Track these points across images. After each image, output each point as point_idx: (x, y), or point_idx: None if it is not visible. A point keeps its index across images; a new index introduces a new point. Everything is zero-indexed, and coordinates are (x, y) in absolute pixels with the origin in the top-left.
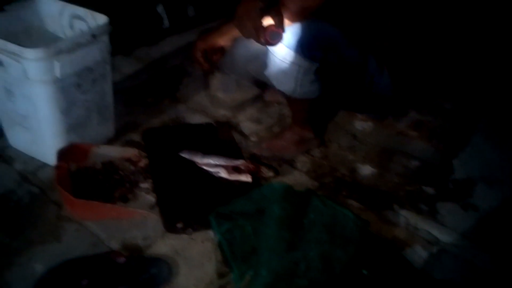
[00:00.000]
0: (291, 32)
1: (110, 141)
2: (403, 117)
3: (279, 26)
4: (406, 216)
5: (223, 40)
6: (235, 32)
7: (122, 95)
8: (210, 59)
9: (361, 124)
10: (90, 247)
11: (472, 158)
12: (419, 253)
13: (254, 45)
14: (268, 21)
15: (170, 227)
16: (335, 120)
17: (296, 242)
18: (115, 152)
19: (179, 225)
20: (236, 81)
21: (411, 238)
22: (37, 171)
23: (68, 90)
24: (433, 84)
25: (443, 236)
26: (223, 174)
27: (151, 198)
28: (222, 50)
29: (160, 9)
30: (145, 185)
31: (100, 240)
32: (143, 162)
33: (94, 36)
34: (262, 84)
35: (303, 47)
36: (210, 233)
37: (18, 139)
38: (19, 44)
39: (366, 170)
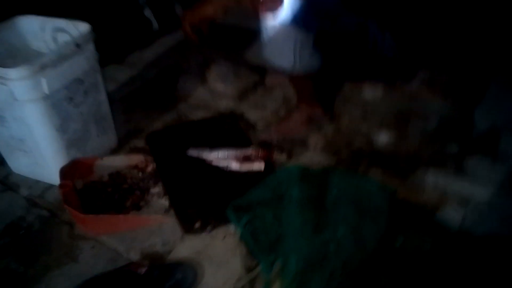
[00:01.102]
0: (284, 3)
1: (113, 151)
2: (413, 78)
3: None
4: (433, 178)
5: (213, 10)
6: (226, 1)
7: (120, 104)
8: (200, 31)
9: (371, 92)
10: (110, 262)
11: (492, 108)
12: (453, 214)
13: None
14: None
15: (188, 228)
16: (343, 92)
17: (322, 223)
18: (120, 161)
19: (197, 225)
20: (233, 70)
21: (442, 200)
22: (44, 194)
23: (60, 106)
24: (440, 41)
25: (476, 191)
26: (234, 166)
27: (164, 202)
28: (212, 21)
29: (147, 12)
30: (156, 189)
31: (119, 254)
32: (150, 167)
33: (78, 45)
34: (261, 70)
35: (298, 18)
36: (231, 228)
37: (19, 164)
38: (3, 66)
39: (383, 137)
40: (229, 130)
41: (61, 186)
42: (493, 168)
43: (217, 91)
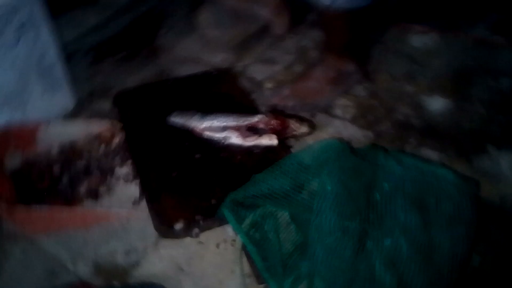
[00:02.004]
0: None
1: (70, 115)
2: (479, 20)
3: None
4: (510, 161)
5: None
6: None
7: (85, 54)
8: None
9: (420, 39)
10: (46, 277)
11: None
12: None
13: None
14: None
15: (165, 230)
16: (382, 40)
17: (368, 230)
18: (76, 128)
19: (178, 226)
20: (232, 12)
21: None
22: None
23: None
24: None
25: None
26: (235, 138)
27: (133, 190)
28: None
29: None
30: (123, 170)
31: (61, 264)
32: (117, 139)
33: None
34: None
35: None
36: (229, 231)
37: None
38: None
39: (436, 103)
40: (228, 90)
41: None
42: None
43: (210, 39)
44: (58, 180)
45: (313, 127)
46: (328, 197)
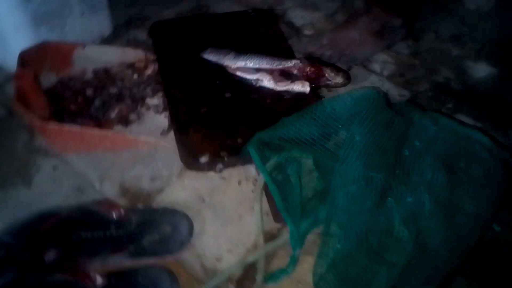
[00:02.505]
0: None
1: (105, 41)
2: None
3: None
4: None
5: None
6: None
7: None
8: None
9: (475, 0)
10: (73, 193)
11: None
12: None
13: None
14: None
15: (190, 161)
16: None
17: (392, 184)
18: (111, 54)
19: (204, 159)
20: None
21: None
22: (4, 85)
23: None
24: None
25: None
26: (267, 81)
27: (162, 120)
28: None
29: None
30: (154, 101)
31: (88, 182)
32: (151, 69)
33: None
34: None
35: None
36: (251, 170)
37: None
38: None
39: (481, 70)
40: (265, 32)
41: (16, 76)
42: None
43: None
44: (91, 103)
45: (348, 79)
46: (356, 147)
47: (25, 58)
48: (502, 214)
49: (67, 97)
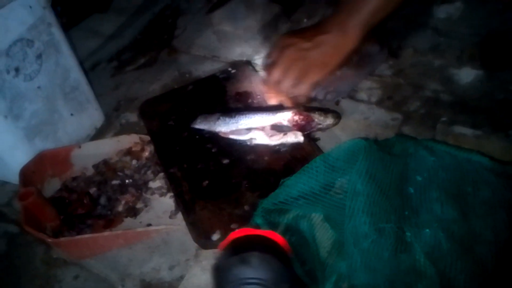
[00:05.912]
0: None
1: (100, 132)
2: None
3: None
4: None
5: None
6: None
7: (106, 65)
8: None
9: (445, 9)
10: None
11: None
12: None
13: None
14: None
15: (203, 241)
16: (404, 14)
17: (404, 228)
18: (107, 146)
19: (215, 236)
20: (244, 3)
21: None
22: (12, 201)
23: (1, 82)
24: None
25: None
26: (261, 139)
27: (168, 202)
28: None
29: None
30: (156, 183)
31: (111, 285)
32: (148, 151)
33: None
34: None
35: None
36: None
37: None
38: None
39: (466, 75)
40: (246, 89)
41: (20, 197)
42: None
43: (224, 33)
44: (97, 203)
45: (338, 117)
46: (360, 199)
47: (26, 174)
48: None
49: (73, 200)
